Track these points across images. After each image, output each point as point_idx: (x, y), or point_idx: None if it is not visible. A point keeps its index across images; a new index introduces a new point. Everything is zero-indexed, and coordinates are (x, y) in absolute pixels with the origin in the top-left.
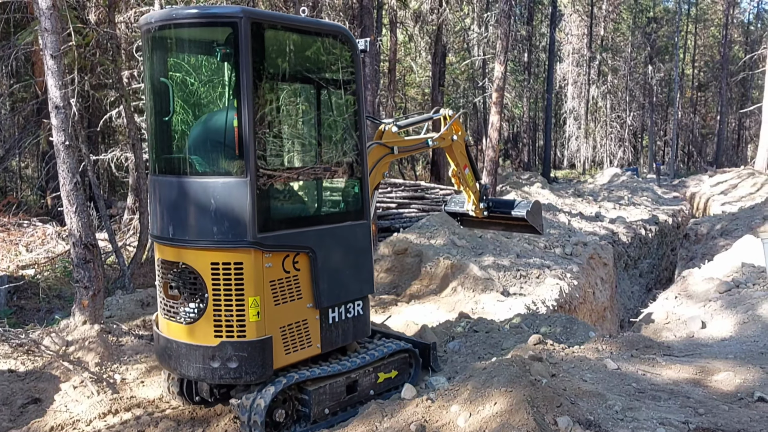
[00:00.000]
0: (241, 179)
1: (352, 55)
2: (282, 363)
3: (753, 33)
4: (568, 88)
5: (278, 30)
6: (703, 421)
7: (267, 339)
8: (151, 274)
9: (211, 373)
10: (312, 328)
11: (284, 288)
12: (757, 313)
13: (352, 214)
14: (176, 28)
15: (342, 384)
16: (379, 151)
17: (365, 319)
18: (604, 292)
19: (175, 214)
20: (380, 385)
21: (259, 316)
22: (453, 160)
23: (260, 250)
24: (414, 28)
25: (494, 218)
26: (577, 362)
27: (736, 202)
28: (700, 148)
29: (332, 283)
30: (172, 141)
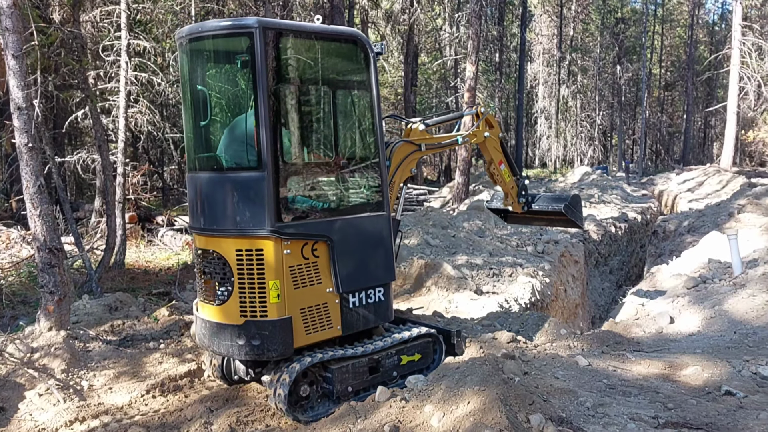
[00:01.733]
0: (260, 173)
1: (367, 58)
2: (302, 342)
3: (717, 33)
4: (538, 88)
5: (292, 37)
6: (672, 415)
7: (287, 319)
8: (118, 277)
9: (238, 349)
10: (332, 311)
11: (303, 273)
12: (723, 308)
13: (370, 206)
14: (203, 39)
15: (364, 365)
16: (406, 149)
17: (387, 304)
18: (576, 289)
19: (207, 206)
20: (403, 367)
21: (279, 298)
22: (487, 156)
23: (279, 238)
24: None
25: (535, 213)
26: (549, 359)
27: (703, 199)
28: (667, 147)
29: (351, 270)
30: (204, 141)
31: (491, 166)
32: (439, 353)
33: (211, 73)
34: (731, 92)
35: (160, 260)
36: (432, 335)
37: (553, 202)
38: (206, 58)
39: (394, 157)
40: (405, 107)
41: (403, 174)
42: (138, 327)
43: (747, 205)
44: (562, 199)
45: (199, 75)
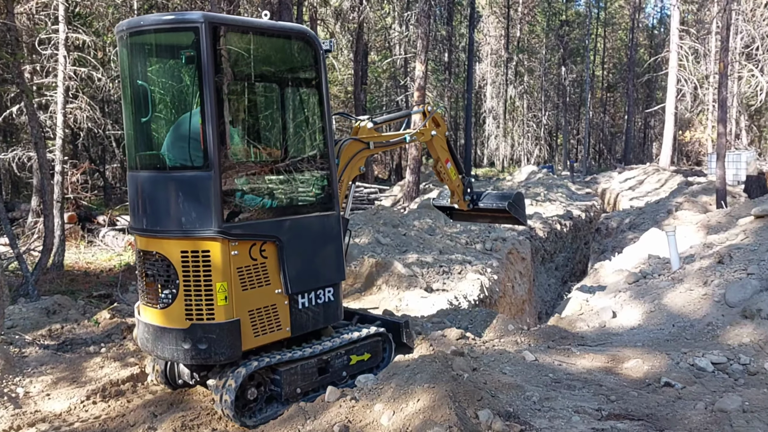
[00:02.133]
0: (206, 173)
1: (315, 54)
2: (251, 345)
3: (657, 37)
4: (486, 88)
5: (239, 33)
6: (614, 407)
7: (235, 322)
8: (57, 280)
9: (183, 354)
10: (281, 312)
11: (251, 274)
12: (662, 303)
13: (320, 206)
14: (144, 34)
15: (313, 366)
16: (355, 147)
17: (336, 304)
18: (523, 285)
19: (150, 206)
20: (353, 367)
21: (226, 300)
22: (434, 154)
23: (226, 239)
24: (335, 25)
25: (480, 211)
26: (497, 355)
27: (643, 197)
28: (609, 146)
29: (301, 270)
30: (146, 139)
31: (438, 164)
32: (389, 351)
33: (153, 68)
34: (669, 94)
35: (102, 261)
36: (381, 334)
37: (497, 200)
38: (148, 53)
39: (343, 156)
40: (355, 105)
41: (351, 172)
42: (78, 331)
43: (684, 203)
44: (507, 197)
45: (141, 70)
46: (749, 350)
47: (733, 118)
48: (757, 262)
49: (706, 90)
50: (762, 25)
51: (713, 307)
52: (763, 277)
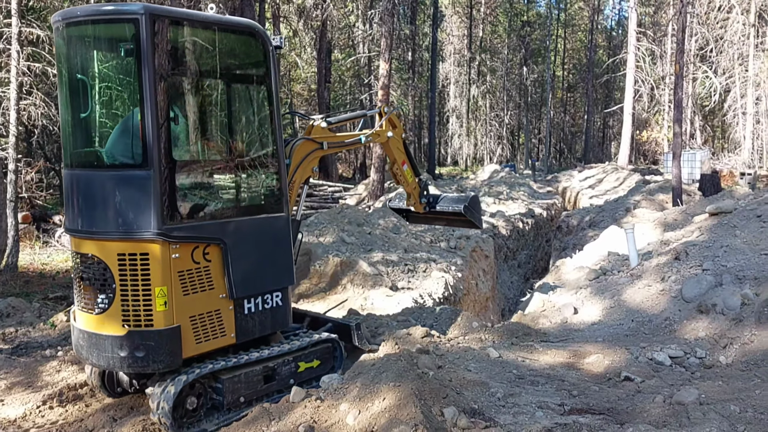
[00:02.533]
0: (146, 171)
1: (264, 50)
2: (193, 352)
3: (615, 38)
4: (450, 87)
5: (182, 26)
6: (577, 402)
7: (175, 328)
8: (10, 282)
9: (120, 362)
10: (226, 318)
11: (194, 278)
12: (621, 299)
13: (268, 207)
14: (81, 25)
15: (258, 373)
16: (308, 147)
17: (285, 309)
18: (486, 283)
19: (85, 206)
20: (301, 374)
21: (166, 305)
22: (390, 156)
23: (166, 241)
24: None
25: (436, 213)
26: (462, 352)
27: (603, 195)
28: (570, 145)
29: (247, 274)
30: (82, 135)
31: (394, 166)
32: (340, 356)
33: (90, 61)
34: (627, 94)
35: (58, 262)
36: (332, 340)
37: (453, 203)
38: (85, 45)
39: (295, 156)
40: (319, 104)
41: (303, 173)
42: (33, 334)
43: (642, 201)
44: (462, 200)
45: (77, 63)
46: (705, 344)
47: (688, 118)
48: (712, 258)
49: (662, 91)
50: (716, 28)
51: (670, 303)
52: (718, 272)
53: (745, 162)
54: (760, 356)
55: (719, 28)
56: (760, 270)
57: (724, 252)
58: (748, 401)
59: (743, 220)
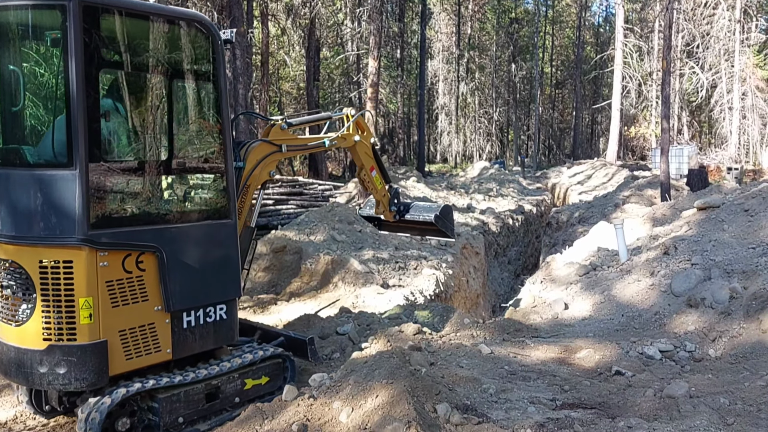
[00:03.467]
0: (70, 171)
1: (211, 45)
2: (122, 369)
3: (602, 35)
4: (439, 85)
5: (117, 15)
6: (568, 397)
7: (101, 343)
8: None
9: (39, 378)
10: (161, 332)
11: (125, 289)
12: (611, 294)
13: (213, 213)
14: (5, 11)
15: (200, 392)
16: (265, 149)
17: (230, 323)
18: (477, 279)
19: (6, 208)
20: (248, 392)
21: (91, 318)
22: (358, 162)
23: (93, 248)
24: (286, 21)
25: (406, 222)
26: (454, 349)
27: (592, 191)
28: (559, 142)
29: (187, 285)
30: (4, 131)
31: (362, 172)
32: (291, 372)
33: (14, 51)
34: (615, 91)
35: None
36: (281, 356)
37: (424, 212)
38: (8, 34)
39: (250, 159)
40: (308, 102)
41: (260, 177)
42: None
43: (631, 197)
44: (434, 209)
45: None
46: (694, 338)
47: (675, 114)
48: (701, 252)
49: (649, 87)
50: (702, 23)
51: (660, 297)
52: (707, 267)
53: (731, 157)
54: (749, 349)
55: (705, 24)
56: (747, 264)
57: (713, 246)
58: (738, 394)
59: (731, 215)
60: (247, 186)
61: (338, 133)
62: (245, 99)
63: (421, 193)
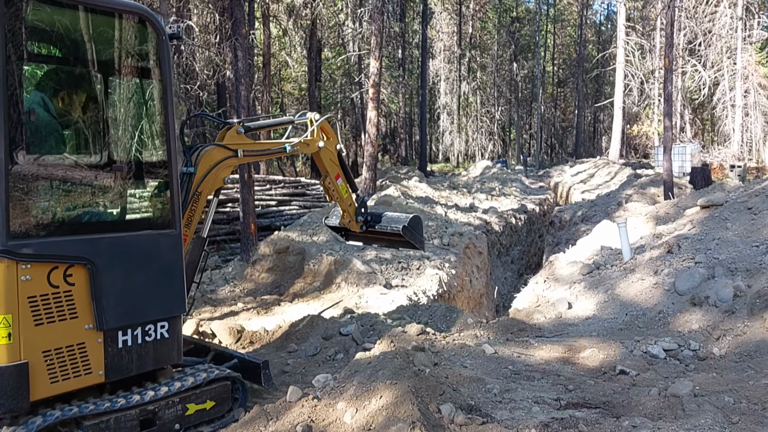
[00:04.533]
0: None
1: (155, 40)
2: (45, 394)
3: (604, 33)
4: (440, 84)
5: (46, 4)
6: (572, 396)
7: (21, 365)
8: None
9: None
10: (92, 352)
11: (50, 305)
12: (615, 293)
13: (154, 223)
14: None
15: (133, 418)
16: (218, 154)
17: (173, 342)
18: (480, 279)
19: None
20: (190, 417)
21: (10, 338)
22: (322, 169)
23: (13, 260)
24: (288, 22)
25: (374, 233)
26: (458, 349)
27: (594, 190)
28: (561, 140)
29: (123, 301)
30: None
31: (326, 180)
32: (242, 395)
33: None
34: (617, 89)
35: None
36: (229, 377)
37: (392, 223)
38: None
39: (201, 164)
40: (309, 102)
41: (213, 183)
42: None
43: (633, 195)
44: (402, 220)
45: None
46: (698, 336)
47: (678, 111)
48: (704, 251)
49: (652, 85)
50: (704, 21)
51: (664, 296)
52: (710, 265)
53: (734, 154)
54: (753, 347)
55: (707, 21)
56: (751, 262)
57: (716, 244)
58: (742, 392)
59: (734, 213)
60: (198, 193)
61: (300, 138)
62: (247, 100)
63: (424, 193)
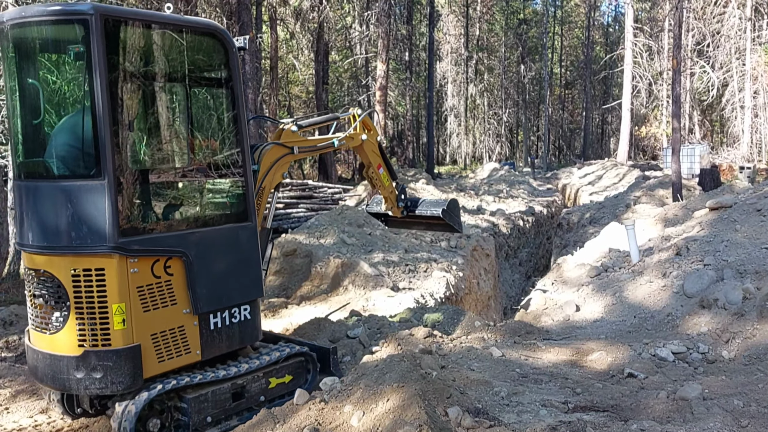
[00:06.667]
0: (99, 182)
1: (226, 52)
2: (155, 371)
3: (612, 35)
4: (447, 87)
5: (136, 27)
6: (580, 399)
7: (135, 347)
8: (13, 289)
9: (77, 383)
10: (190, 334)
11: (154, 294)
12: (623, 295)
13: (234, 216)
14: (28, 26)
15: (227, 391)
16: (277, 152)
17: (254, 323)
18: (488, 281)
19: (37, 219)
20: (272, 390)
21: (124, 323)
22: (365, 160)
23: (123, 255)
24: (295, 25)
25: (414, 218)
26: (465, 352)
27: (602, 192)
28: (569, 142)
29: (212, 288)
30: (32, 144)
31: (369, 170)
32: (313, 373)
33: (37, 65)
34: (625, 90)
35: None
36: (304, 354)
37: (431, 207)
38: (32, 48)
39: (263, 162)
40: (317, 105)
41: (273, 179)
42: None
43: (642, 197)
44: (441, 203)
45: (23, 67)
46: (707, 339)
47: (686, 113)
48: (713, 253)
49: (660, 86)
50: (712, 22)
51: (672, 298)
52: (719, 267)
53: (744, 156)
54: (763, 350)
55: (716, 22)
56: (761, 264)
57: (725, 246)
58: (752, 395)
59: (743, 215)
60: (262, 188)
61: (346, 132)
62: (255, 103)
63: (431, 195)
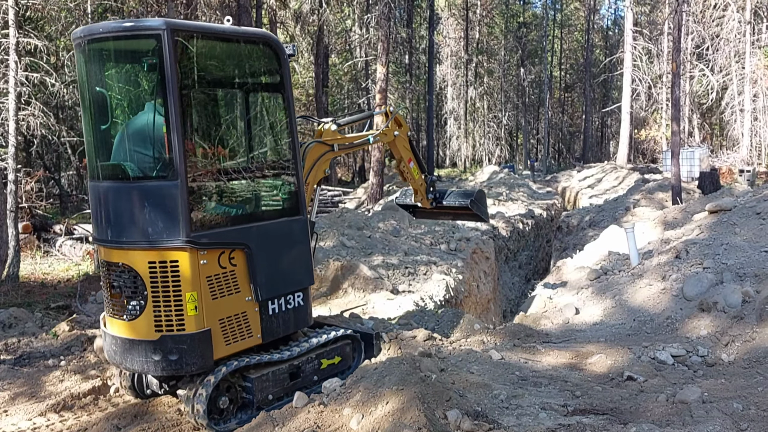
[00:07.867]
0: (172, 182)
1: (279, 59)
2: (222, 353)
3: (611, 38)
4: (447, 90)
5: (201, 39)
6: (580, 402)
7: (206, 332)
8: (12, 292)
9: (154, 365)
10: (252, 319)
11: (221, 283)
12: (623, 298)
13: (287, 211)
14: (104, 41)
15: (285, 371)
16: (319, 149)
17: (306, 309)
18: (487, 284)
19: (114, 217)
20: (324, 371)
21: (196, 310)
22: (397, 154)
23: (195, 248)
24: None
25: (442, 208)
26: (464, 355)
27: (602, 195)
28: (568, 145)
29: (270, 277)
30: (108, 148)
31: (401, 164)
32: (359, 354)
33: (113, 76)
34: (625, 94)
35: (59, 272)
36: (351, 336)
37: (459, 198)
38: (107, 61)
39: (308, 159)
40: (317, 108)
41: (317, 175)
42: (36, 344)
43: (641, 200)
44: (469, 194)
45: (100, 78)
46: (707, 342)
47: (686, 116)
48: (713, 256)
49: (659, 89)
50: (712, 26)
51: (672, 301)
52: (719, 270)
53: (743, 159)
54: (762, 353)
55: (715, 26)
56: (760, 267)
57: (725, 250)
58: (751, 399)
59: (743, 218)
60: (307, 184)
61: (380, 129)
62: None
63: None
